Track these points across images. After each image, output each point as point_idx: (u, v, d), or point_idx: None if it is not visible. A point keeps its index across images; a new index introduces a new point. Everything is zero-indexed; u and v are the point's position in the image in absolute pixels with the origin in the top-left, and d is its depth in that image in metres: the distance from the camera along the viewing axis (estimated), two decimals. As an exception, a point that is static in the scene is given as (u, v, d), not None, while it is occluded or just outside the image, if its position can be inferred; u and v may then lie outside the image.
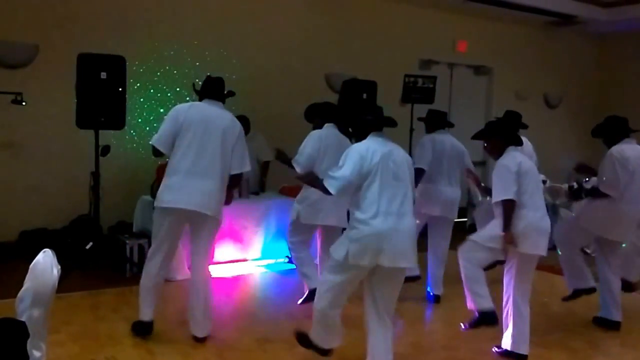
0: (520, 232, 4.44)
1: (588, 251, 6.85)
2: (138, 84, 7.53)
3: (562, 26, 11.18)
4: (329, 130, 5.30)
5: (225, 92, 4.80)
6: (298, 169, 5.13)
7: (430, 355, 4.81)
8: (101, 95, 6.10)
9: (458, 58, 10.51)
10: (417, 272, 5.92)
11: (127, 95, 6.39)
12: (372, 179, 3.80)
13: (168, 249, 4.66)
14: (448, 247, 6.01)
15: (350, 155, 3.87)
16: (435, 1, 9.70)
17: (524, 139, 6.14)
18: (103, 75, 6.09)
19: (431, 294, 6.02)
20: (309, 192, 5.13)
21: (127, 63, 6.29)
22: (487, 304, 4.66)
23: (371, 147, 3.89)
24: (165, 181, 4.57)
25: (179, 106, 4.70)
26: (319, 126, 5.39)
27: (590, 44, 12.40)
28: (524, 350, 4.53)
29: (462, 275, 4.72)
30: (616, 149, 5.18)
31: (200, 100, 4.77)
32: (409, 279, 5.88)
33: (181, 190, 4.48)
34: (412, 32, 9.84)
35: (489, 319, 4.68)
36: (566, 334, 5.25)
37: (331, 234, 5.30)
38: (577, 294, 5.50)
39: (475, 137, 4.90)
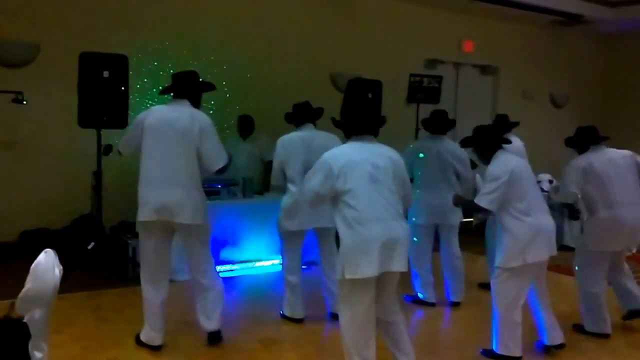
0: (528, 240, 4.29)
1: None
2: (140, 83, 7.50)
3: (569, 25, 11.16)
4: (293, 134, 5.19)
5: (202, 85, 4.62)
6: (274, 183, 5.26)
7: (439, 356, 4.74)
8: (103, 94, 6.05)
9: (464, 57, 10.50)
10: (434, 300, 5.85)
11: (129, 94, 6.34)
12: (347, 188, 3.68)
13: (158, 266, 4.44)
14: (456, 252, 5.89)
15: (317, 166, 3.82)
16: (441, 1, 9.67)
17: (515, 138, 6.08)
18: (105, 74, 6.04)
19: (449, 300, 5.92)
20: (282, 201, 5.18)
21: (130, 62, 6.23)
22: (517, 351, 4.40)
23: (342, 154, 3.81)
24: (138, 192, 4.40)
25: (141, 114, 4.52)
26: (297, 125, 5.32)
27: (597, 44, 12.38)
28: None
29: (494, 314, 4.45)
30: (576, 161, 5.11)
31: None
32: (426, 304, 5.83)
33: (150, 201, 4.30)
34: (418, 31, 9.82)
35: None
36: (573, 333, 5.17)
37: (324, 235, 5.26)
38: (590, 333, 5.19)
39: (464, 144, 4.84)
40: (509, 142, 4.64)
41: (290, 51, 8.63)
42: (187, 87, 4.51)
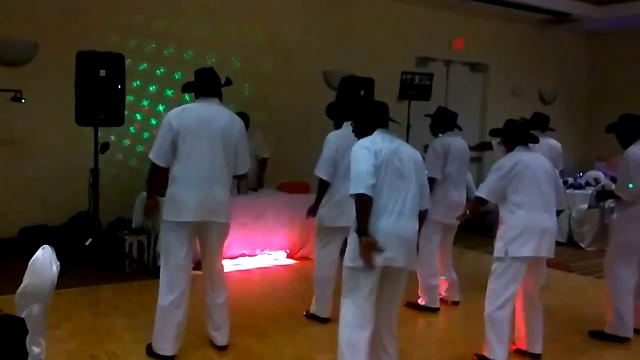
0: (515, 234, 4.26)
1: None
2: (137, 82, 7.57)
3: (557, 24, 11.23)
4: (347, 129, 4.72)
5: (223, 81, 4.46)
6: (321, 175, 4.99)
7: (425, 349, 4.81)
8: (100, 92, 6.13)
9: (454, 55, 10.55)
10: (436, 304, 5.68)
11: (126, 93, 6.42)
12: (377, 176, 3.57)
13: (188, 270, 4.29)
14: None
15: (359, 153, 3.63)
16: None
17: (548, 140, 6.13)
18: (102, 72, 6.11)
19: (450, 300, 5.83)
20: (331, 194, 5.02)
21: (126, 61, 6.31)
22: (500, 356, 4.27)
23: (377, 142, 3.67)
24: (171, 192, 4.24)
25: (171, 112, 4.29)
26: (337, 124, 5.25)
27: (584, 42, 12.47)
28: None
29: (485, 314, 4.36)
30: (632, 150, 4.90)
31: (196, 98, 4.42)
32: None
33: (191, 202, 4.16)
34: (409, 29, 9.88)
35: None
36: (560, 327, 5.23)
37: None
38: (606, 337, 5.05)
39: (492, 134, 4.89)
40: (526, 143, 4.53)
41: (284, 49, 8.69)
42: (214, 85, 4.40)
